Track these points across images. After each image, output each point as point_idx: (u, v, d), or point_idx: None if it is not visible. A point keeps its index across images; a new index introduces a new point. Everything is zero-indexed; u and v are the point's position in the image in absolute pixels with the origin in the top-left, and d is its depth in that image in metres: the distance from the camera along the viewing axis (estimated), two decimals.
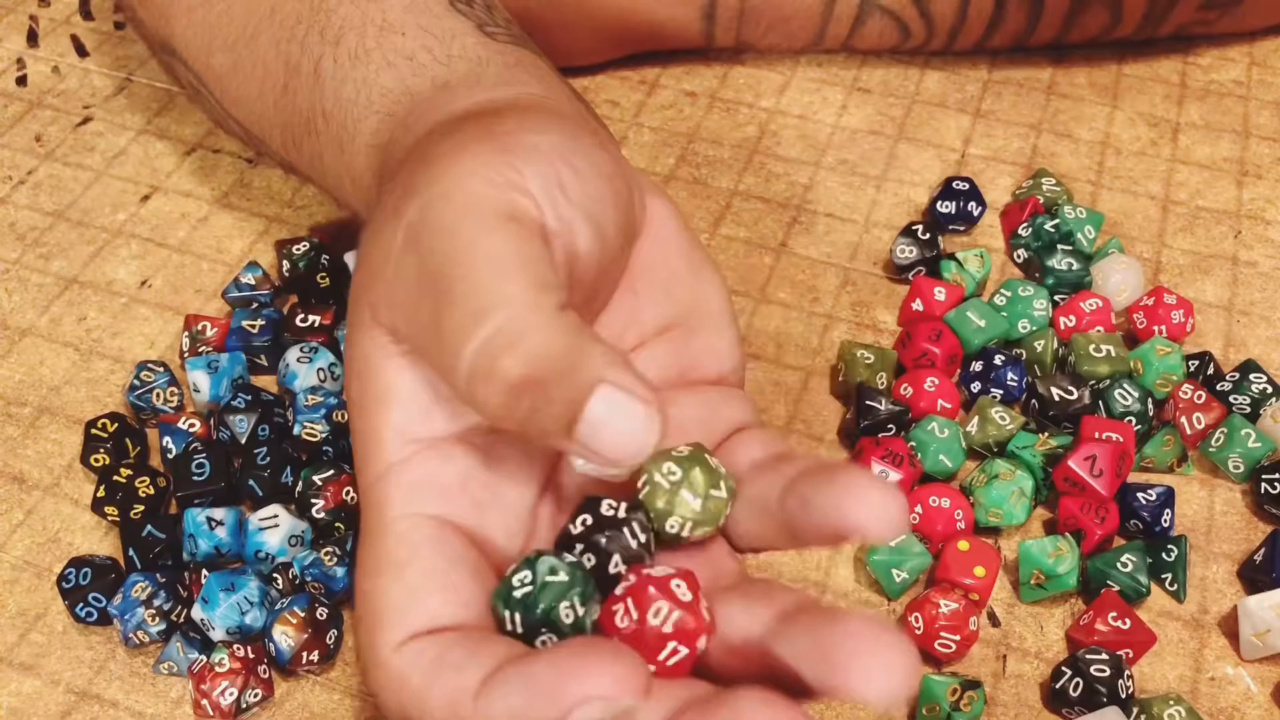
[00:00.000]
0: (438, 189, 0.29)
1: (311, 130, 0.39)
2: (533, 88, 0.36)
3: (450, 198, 0.29)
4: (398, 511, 0.29)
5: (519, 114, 0.32)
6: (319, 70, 0.39)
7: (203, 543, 0.39)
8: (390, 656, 0.28)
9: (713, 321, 0.34)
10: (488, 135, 0.31)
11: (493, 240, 0.28)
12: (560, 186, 0.30)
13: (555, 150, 0.31)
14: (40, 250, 0.49)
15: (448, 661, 0.27)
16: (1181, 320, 0.46)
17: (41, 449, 0.43)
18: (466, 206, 0.29)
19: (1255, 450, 0.42)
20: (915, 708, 0.37)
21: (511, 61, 0.37)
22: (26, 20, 0.59)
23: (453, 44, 0.37)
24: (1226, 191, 0.52)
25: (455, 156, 0.30)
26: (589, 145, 0.32)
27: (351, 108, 0.38)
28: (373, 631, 0.28)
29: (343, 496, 0.40)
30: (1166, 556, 0.40)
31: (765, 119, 0.55)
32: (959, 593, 0.38)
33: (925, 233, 0.48)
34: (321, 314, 0.45)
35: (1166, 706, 0.36)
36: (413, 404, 0.30)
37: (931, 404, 0.43)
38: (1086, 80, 0.57)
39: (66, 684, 0.38)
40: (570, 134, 0.32)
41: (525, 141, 0.31)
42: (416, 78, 0.37)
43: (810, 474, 0.28)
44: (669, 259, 0.34)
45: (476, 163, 0.30)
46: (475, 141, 0.30)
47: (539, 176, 0.30)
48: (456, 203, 0.29)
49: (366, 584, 0.29)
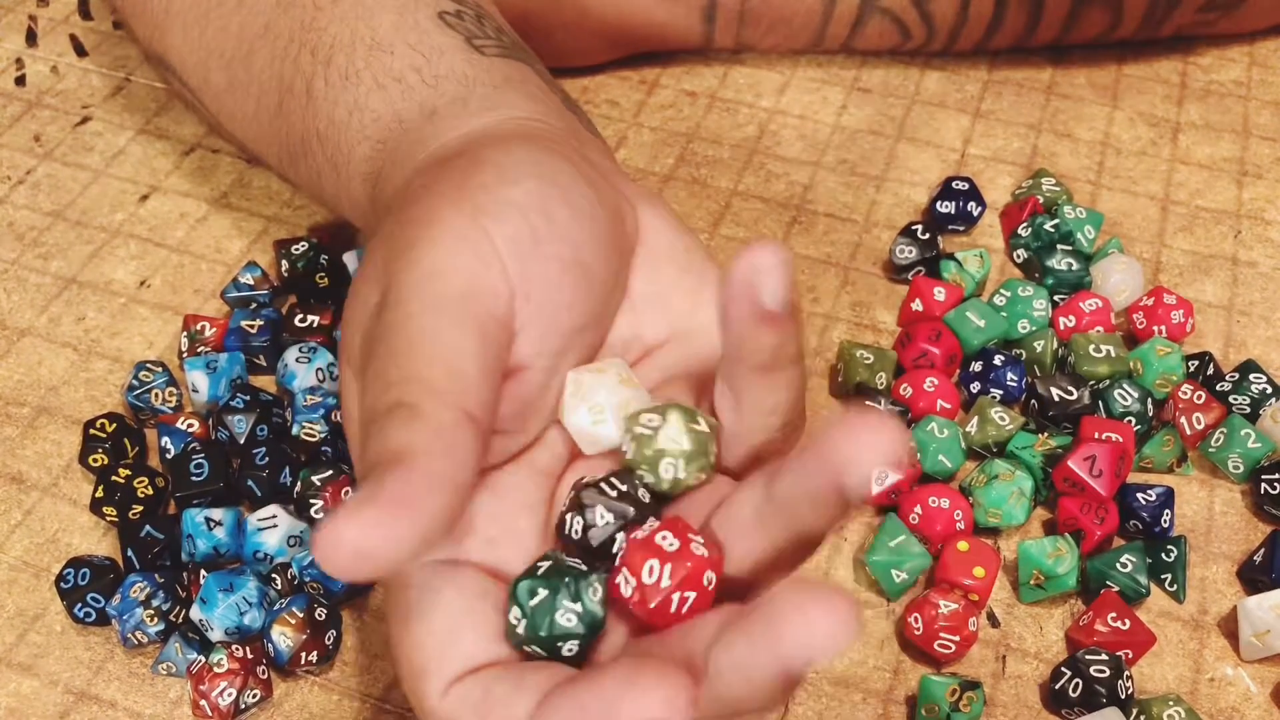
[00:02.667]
0: (407, 259, 0.30)
1: (307, 151, 0.39)
2: (518, 109, 0.36)
3: (415, 268, 0.29)
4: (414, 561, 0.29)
5: (498, 156, 0.32)
6: (311, 91, 0.39)
7: (201, 543, 0.39)
8: (439, 705, 0.28)
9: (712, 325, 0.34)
10: (460, 197, 0.31)
11: (429, 320, 0.28)
12: (535, 242, 0.30)
13: (531, 201, 0.31)
14: (39, 250, 0.49)
15: (495, 698, 0.27)
16: (1181, 320, 0.46)
17: (40, 449, 0.43)
18: (425, 277, 0.29)
19: (1255, 450, 0.42)
20: (915, 708, 0.37)
21: (499, 80, 0.37)
22: (25, 20, 0.59)
23: (440, 63, 0.37)
24: (1226, 191, 0.52)
25: (429, 224, 0.30)
26: (570, 182, 0.32)
27: (345, 131, 0.38)
28: (416, 683, 0.28)
29: (341, 497, 0.40)
30: (1166, 557, 0.40)
31: (765, 119, 0.55)
32: (959, 593, 0.38)
33: (925, 233, 0.48)
34: (320, 314, 0.45)
35: (1166, 707, 0.36)
36: None
37: (931, 404, 0.43)
38: (1086, 80, 0.57)
39: (65, 684, 0.38)
40: (550, 175, 0.32)
41: (500, 198, 0.31)
42: (405, 102, 0.37)
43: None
44: (665, 271, 0.34)
45: (447, 230, 0.30)
46: (449, 206, 0.31)
47: (510, 239, 0.30)
48: (419, 272, 0.29)
49: (398, 636, 0.29)
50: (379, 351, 0.29)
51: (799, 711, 0.38)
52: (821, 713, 0.37)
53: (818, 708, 0.38)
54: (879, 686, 0.38)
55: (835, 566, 0.41)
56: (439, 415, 0.27)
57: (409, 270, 0.30)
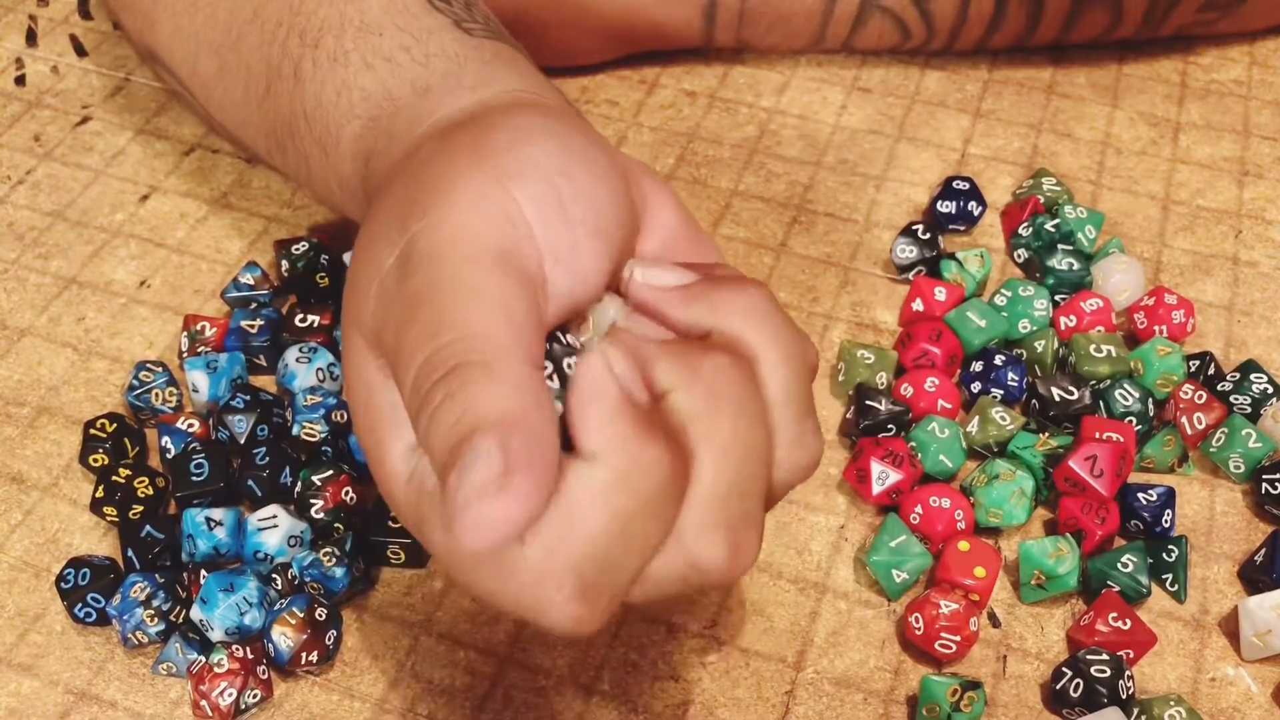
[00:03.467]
0: (430, 219, 0.29)
1: (295, 134, 0.39)
2: (512, 83, 0.36)
3: (440, 228, 0.29)
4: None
5: (509, 120, 0.32)
6: (299, 73, 0.39)
7: (201, 543, 0.38)
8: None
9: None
10: (480, 157, 0.31)
11: (471, 274, 0.28)
12: (560, 203, 0.30)
13: (551, 162, 0.31)
14: (39, 250, 0.49)
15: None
16: (1182, 320, 0.46)
17: (40, 449, 0.43)
18: (454, 237, 0.29)
19: (1256, 450, 0.42)
20: (916, 708, 0.37)
21: (489, 57, 0.37)
22: (25, 20, 0.59)
23: (430, 42, 0.37)
24: (1227, 191, 0.52)
25: (448, 183, 0.30)
26: (584, 145, 0.32)
27: (333, 111, 0.38)
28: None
29: (341, 496, 0.40)
30: (1167, 557, 0.40)
31: (765, 119, 0.55)
32: (959, 593, 0.38)
33: (925, 233, 0.48)
34: (320, 314, 0.45)
35: (1167, 707, 0.36)
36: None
37: (931, 404, 0.43)
38: (1086, 80, 0.57)
39: (65, 684, 0.38)
40: (563, 136, 0.32)
41: (519, 156, 0.30)
42: (395, 79, 0.37)
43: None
44: (670, 244, 0.34)
45: (470, 189, 0.30)
46: (469, 166, 0.30)
47: (536, 200, 0.30)
48: (446, 233, 0.29)
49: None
50: (419, 314, 0.28)
51: (799, 712, 0.37)
52: (822, 713, 0.37)
53: (818, 708, 0.38)
54: (880, 686, 0.38)
55: (836, 566, 0.41)
56: (515, 370, 0.27)
57: (435, 230, 0.29)
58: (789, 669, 0.38)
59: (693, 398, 0.28)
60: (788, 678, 0.38)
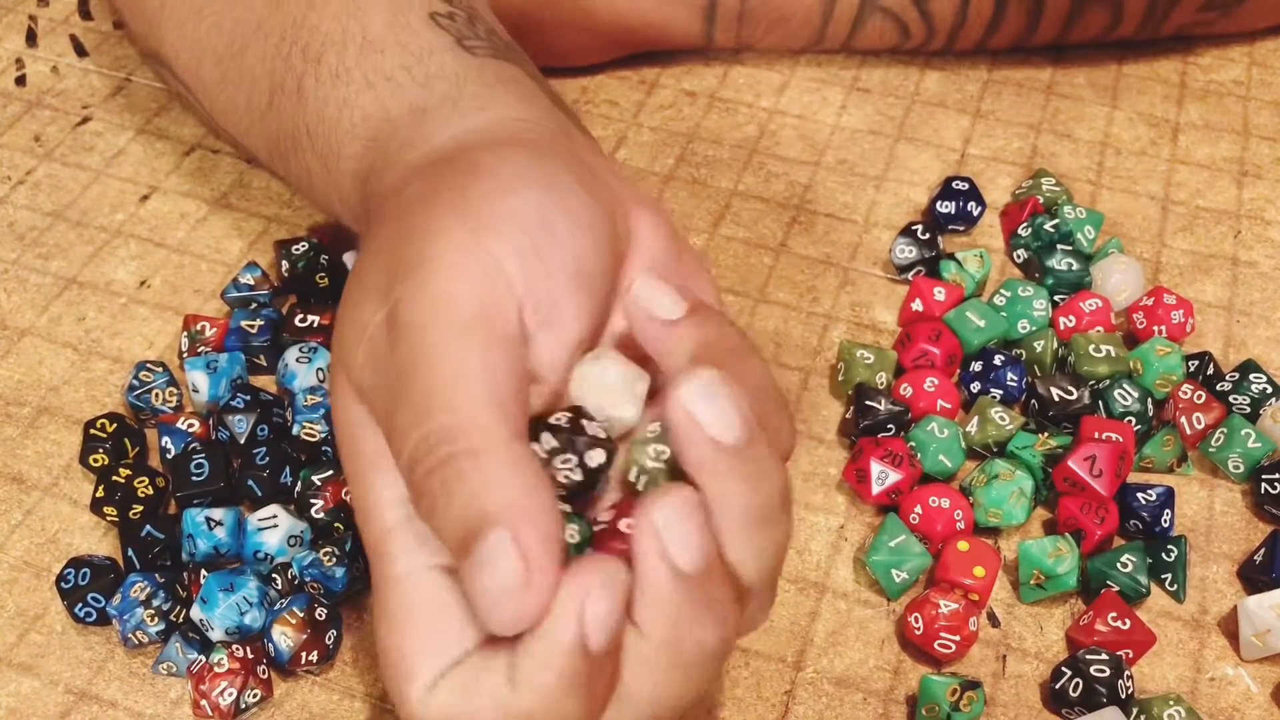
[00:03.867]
0: (413, 281, 0.30)
1: (297, 148, 0.40)
2: (509, 109, 0.36)
3: (423, 293, 0.30)
4: (402, 569, 0.30)
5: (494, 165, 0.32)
6: (302, 89, 0.39)
7: (202, 543, 0.39)
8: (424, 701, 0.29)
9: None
10: (461, 209, 0.31)
11: (454, 349, 0.29)
12: (538, 255, 0.31)
13: (531, 213, 0.31)
14: (39, 250, 0.49)
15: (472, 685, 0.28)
16: (1181, 320, 0.46)
17: (40, 449, 0.43)
18: (436, 307, 0.29)
19: (1255, 450, 0.42)
20: (915, 708, 0.37)
21: (490, 79, 0.37)
22: (26, 20, 0.59)
23: (430, 61, 0.37)
24: (1226, 191, 0.52)
25: (431, 238, 0.30)
26: (567, 187, 0.32)
27: (335, 128, 0.38)
28: (401, 683, 0.29)
29: (341, 496, 0.40)
30: (1166, 557, 0.40)
31: (765, 119, 0.55)
32: (959, 593, 0.38)
33: (925, 233, 0.48)
34: (320, 314, 0.45)
35: (1166, 707, 0.36)
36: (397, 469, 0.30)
37: (931, 404, 0.43)
38: (1086, 80, 0.57)
39: (65, 684, 0.38)
40: (546, 181, 0.32)
41: (500, 210, 0.31)
42: (395, 100, 0.37)
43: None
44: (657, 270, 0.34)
45: (451, 247, 0.30)
46: (449, 216, 0.31)
47: (515, 254, 0.30)
48: (429, 298, 0.30)
49: (387, 639, 0.30)
50: (409, 391, 0.29)
51: (799, 711, 0.38)
52: (822, 712, 0.37)
53: (818, 707, 0.38)
54: (879, 686, 0.38)
55: (835, 566, 0.41)
56: (504, 453, 0.28)
57: (418, 294, 0.30)
58: (789, 669, 0.38)
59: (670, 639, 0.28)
60: (787, 677, 0.38)
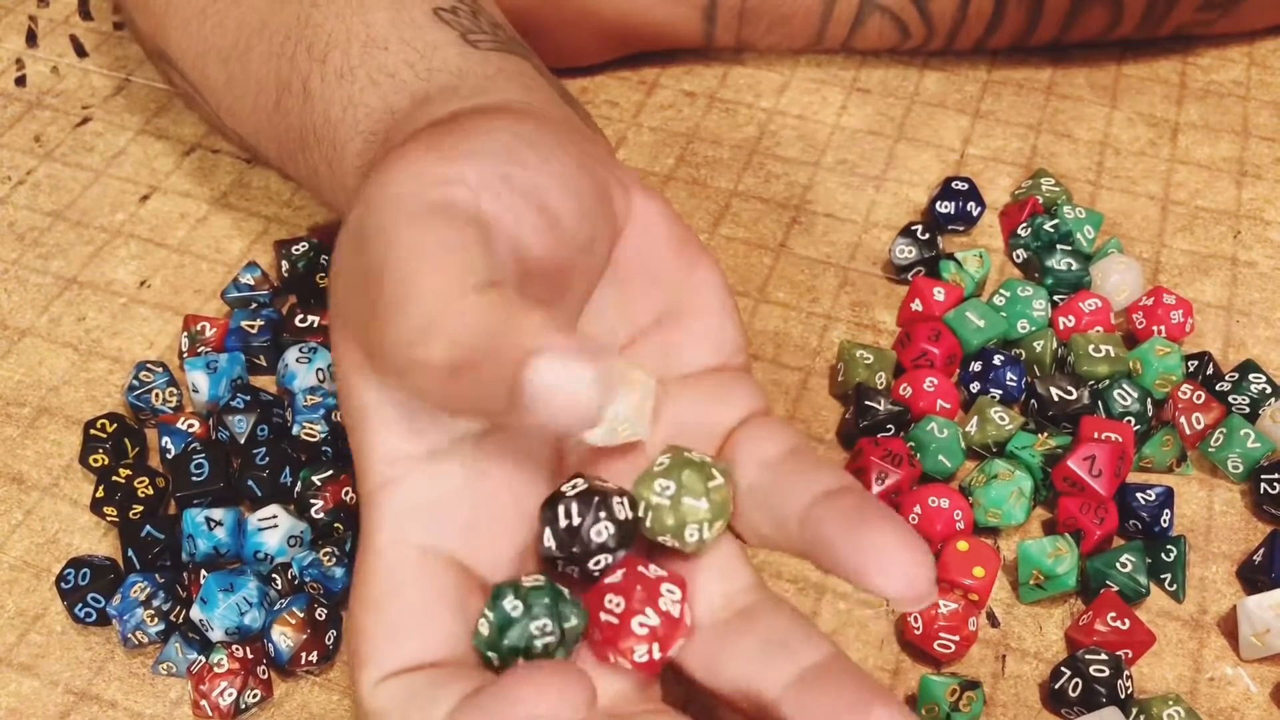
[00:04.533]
0: (370, 193, 0.30)
1: (305, 147, 0.40)
2: (509, 94, 0.36)
3: (381, 200, 0.29)
4: (385, 539, 0.30)
5: (475, 121, 0.32)
6: (308, 88, 0.39)
7: (202, 543, 0.39)
8: (369, 693, 0.28)
9: (708, 307, 0.34)
10: (432, 143, 0.31)
11: (415, 233, 0.28)
12: (503, 179, 0.30)
13: (502, 149, 0.31)
14: (39, 250, 0.49)
15: (418, 698, 0.27)
16: (1181, 320, 0.46)
17: (40, 449, 0.43)
18: (394, 204, 0.29)
19: (1254, 450, 0.42)
20: (915, 708, 0.37)
21: (491, 71, 0.37)
22: (26, 20, 0.59)
23: (434, 57, 0.37)
24: (1226, 191, 0.52)
25: (393, 164, 0.30)
26: (547, 142, 0.32)
27: (340, 127, 0.38)
28: (357, 668, 0.29)
29: (342, 496, 0.40)
30: (1166, 557, 0.40)
31: (765, 119, 0.55)
32: (958, 593, 0.38)
33: (925, 233, 0.48)
34: (320, 314, 0.45)
35: (1166, 707, 0.36)
36: (395, 421, 0.30)
37: (931, 404, 0.43)
38: (1086, 80, 0.57)
39: (65, 684, 0.38)
40: (524, 133, 0.32)
41: (467, 146, 0.31)
42: (397, 95, 0.37)
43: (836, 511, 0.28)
44: (656, 251, 0.34)
45: (413, 164, 0.30)
46: (417, 148, 0.31)
47: (478, 173, 0.30)
48: (386, 203, 0.29)
49: (354, 616, 0.29)
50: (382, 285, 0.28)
51: None
52: None
53: None
54: None
55: None
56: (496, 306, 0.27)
57: (376, 203, 0.29)
58: None
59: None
60: None
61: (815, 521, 0.28)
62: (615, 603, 0.29)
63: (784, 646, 0.29)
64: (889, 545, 0.27)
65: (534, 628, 0.28)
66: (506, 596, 0.28)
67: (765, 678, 0.28)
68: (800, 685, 0.28)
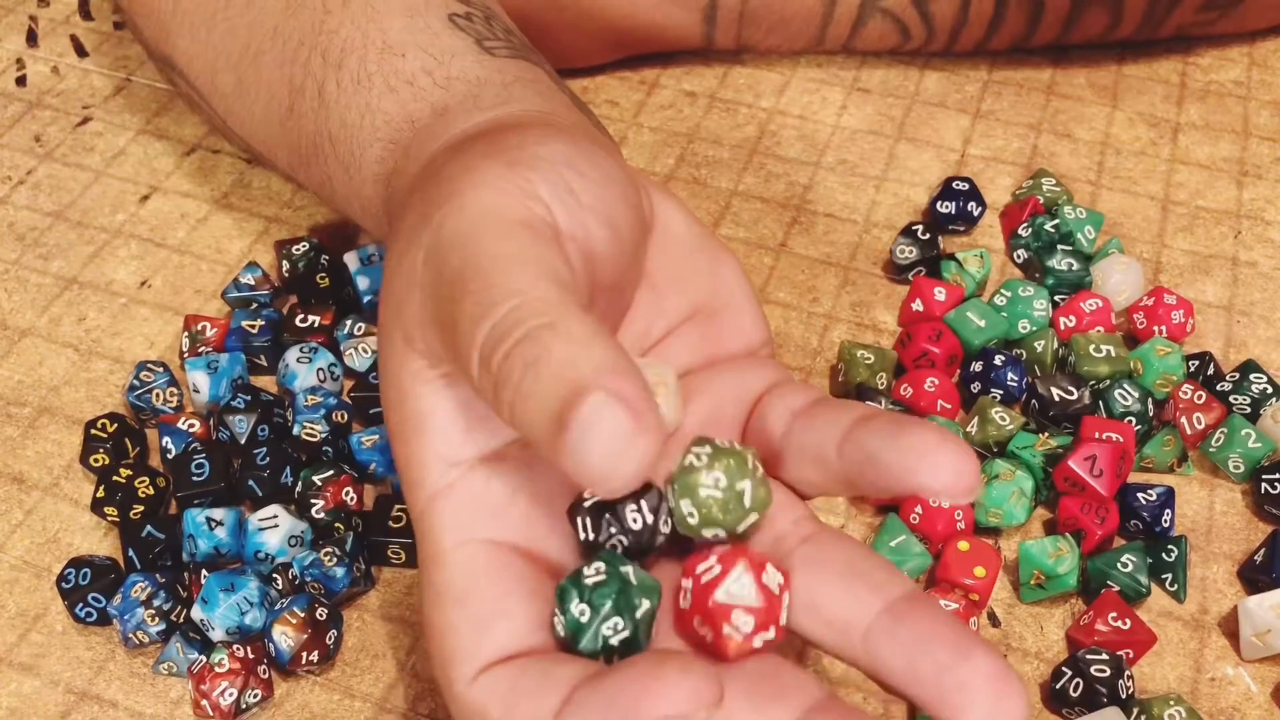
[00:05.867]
0: (451, 205, 0.30)
1: (319, 154, 0.40)
2: (530, 104, 0.36)
3: (463, 210, 0.29)
4: (451, 541, 0.30)
5: (520, 130, 0.33)
6: (323, 94, 0.39)
7: (202, 543, 0.39)
8: (466, 690, 0.28)
9: (734, 301, 0.35)
10: (494, 151, 0.31)
11: (507, 244, 0.28)
12: (570, 191, 0.30)
13: (561, 158, 0.31)
14: (40, 250, 0.49)
15: (522, 689, 0.27)
16: (1181, 320, 0.46)
17: (41, 449, 0.43)
18: (480, 216, 0.29)
19: (1255, 450, 0.42)
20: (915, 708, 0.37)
21: (510, 79, 0.37)
22: (26, 20, 0.59)
23: (451, 64, 0.37)
24: (1226, 191, 0.52)
25: (465, 175, 0.30)
26: (592, 151, 0.32)
27: (357, 133, 0.38)
28: (447, 667, 0.29)
29: (342, 497, 0.40)
30: (1166, 557, 0.40)
31: (765, 119, 0.55)
32: (959, 593, 0.38)
33: (925, 233, 0.48)
34: (321, 314, 0.45)
35: (1167, 707, 0.36)
36: (451, 427, 0.30)
37: (931, 404, 0.43)
38: (1086, 80, 0.57)
39: (66, 684, 0.38)
40: (573, 142, 0.32)
41: (531, 153, 0.31)
42: (416, 103, 0.37)
43: (874, 426, 0.28)
44: (682, 250, 0.34)
45: (487, 176, 0.30)
46: (483, 158, 0.31)
47: (548, 183, 0.30)
48: (470, 213, 0.29)
49: (433, 618, 0.29)
50: (470, 287, 0.28)
51: None
52: None
53: None
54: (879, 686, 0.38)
55: None
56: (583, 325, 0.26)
57: (460, 213, 0.29)
58: None
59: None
60: None
61: (855, 441, 0.28)
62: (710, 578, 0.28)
63: (865, 578, 0.28)
64: (932, 443, 0.27)
65: (605, 629, 0.28)
66: (572, 600, 0.28)
67: (853, 610, 0.28)
68: (891, 615, 0.27)
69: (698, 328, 0.34)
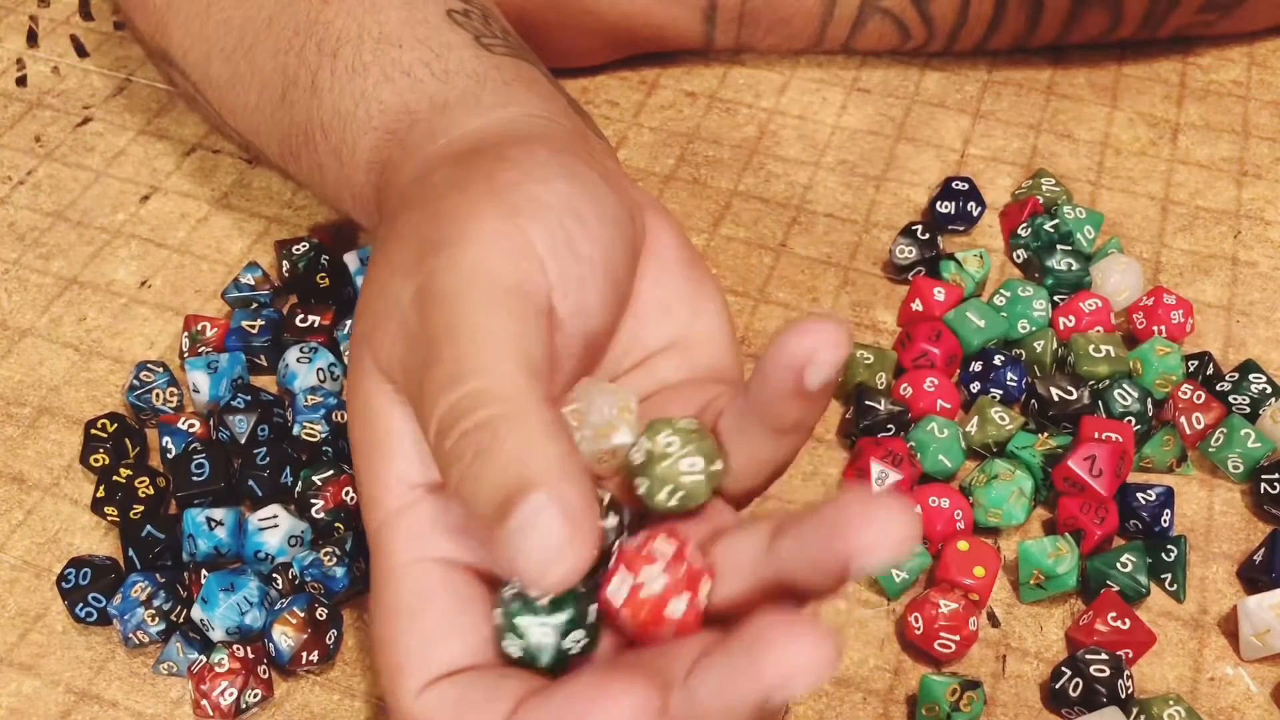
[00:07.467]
0: (444, 256, 0.30)
1: (310, 143, 0.39)
2: (530, 105, 0.36)
3: (456, 265, 0.29)
4: (405, 558, 0.30)
5: (522, 155, 0.33)
6: (316, 83, 0.39)
7: (202, 543, 0.39)
8: (413, 704, 0.28)
9: (714, 338, 0.34)
10: (494, 191, 0.31)
11: (489, 316, 0.29)
12: (568, 242, 0.30)
13: (563, 203, 0.31)
14: (40, 250, 0.49)
15: (470, 702, 0.27)
16: (1181, 320, 0.46)
17: (41, 449, 0.43)
18: (470, 275, 0.29)
19: (1255, 450, 0.42)
20: (915, 708, 0.37)
21: (509, 77, 0.37)
22: (26, 20, 0.59)
23: (450, 58, 0.37)
24: (1226, 191, 0.52)
25: (464, 219, 0.30)
26: (593, 184, 0.32)
27: (350, 121, 0.38)
28: (394, 681, 0.29)
29: (342, 497, 0.40)
30: (1166, 556, 0.40)
31: (765, 119, 0.55)
32: (959, 593, 0.38)
33: (925, 233, 0.48)
34: (321, 314, 0.45)
35: (1166, 707, 0.36)
36: (414, 451, 0.30)
37: (931, 404, 0.43)
38: (1086, 80, 0.57)
39: (66, 684, 0.38)
40: (573, 175, 0.32)
41: (532, 196, 0.31)
42: (414, 94, 0.37)
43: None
44: (668, 277, 0.34)
45: (485, 227, 0.30)
46: (483, 199, 0.31)
47: (546, 235, 0.30)
48: (462, 269, 0.29)
49: (382, 632, 0.29)
50: (442, 354, 0.28)
51: (799, 711, 0.38)
52: (822, 712, 0.38)
53: (818, 707, 0.38)
54: (879, 686, 0.38)
55: None
56: (540, 420, 0.27)
57: (452, 267, 0.29)
58: None
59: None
60: None
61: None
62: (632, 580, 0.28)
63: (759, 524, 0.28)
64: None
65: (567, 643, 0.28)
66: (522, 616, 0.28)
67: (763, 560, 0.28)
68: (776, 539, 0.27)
69: (671, 360, 0.34)
